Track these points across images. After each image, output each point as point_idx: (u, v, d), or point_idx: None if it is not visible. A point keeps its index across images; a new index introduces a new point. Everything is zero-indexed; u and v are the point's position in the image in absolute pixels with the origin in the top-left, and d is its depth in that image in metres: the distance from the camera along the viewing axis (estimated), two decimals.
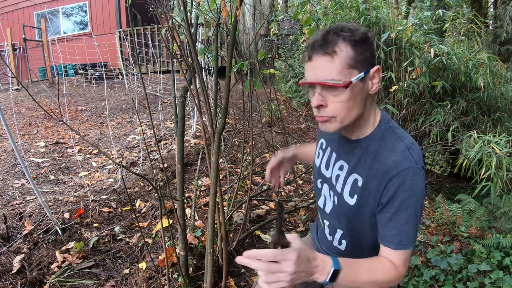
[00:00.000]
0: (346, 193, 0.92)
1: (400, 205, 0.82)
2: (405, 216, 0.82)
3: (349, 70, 0.80)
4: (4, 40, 7.31)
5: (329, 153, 1.02)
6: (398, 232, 0.83)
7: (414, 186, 0.81)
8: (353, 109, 0.83)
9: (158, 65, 8.05)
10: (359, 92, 0.82)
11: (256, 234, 2.11)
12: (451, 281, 1.72)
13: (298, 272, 0.69)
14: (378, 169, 0.84)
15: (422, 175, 0.82)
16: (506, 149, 2.41)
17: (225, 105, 1.28)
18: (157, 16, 1.52)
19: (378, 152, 0.86)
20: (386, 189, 0.83)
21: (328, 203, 1.01)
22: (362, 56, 0.80)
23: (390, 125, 0.90)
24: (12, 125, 4.11)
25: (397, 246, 0.84)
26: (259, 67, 2.00)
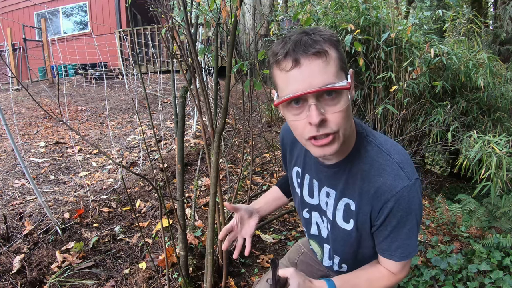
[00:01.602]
0: (340, 219, 0.87)
1: (398, 223, 0.79)
2: (405, 231, 0.79)
3: (341, 73, 0.70)
4: (4, 40, 7.31)
5: (308, 181, 0.94)
6: (399, 246, 0.81)
7: (411, 203, 0.76)
8: (350, 119, 0.74)
9: (158, 65, 8.05)
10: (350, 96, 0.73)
11: (256, 234, 2.11)
12: (451, 281, 1.72)
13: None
14: (369, 191, 0.78)
15: (418, 188, 0.77)
16: (506, 149, 2.41)
17: (225, 105, 1.28)
18: (157, 16, 1.52)
19: (366, 173, 0.79)
20: (381, 211, 0.78)
21: (323, 229, 0.96)
22: (343, 57, 0.72)
23: (369, 138, 0.80)
24: (12, 125, 4.11)
25: (400, 258, 0.83)
26: (259, 67, 2.00)
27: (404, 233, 0.80)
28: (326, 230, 0.95)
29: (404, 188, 0.75)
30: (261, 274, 1.77)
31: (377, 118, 4.33)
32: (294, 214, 2.44)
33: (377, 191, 0.77)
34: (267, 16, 6.83)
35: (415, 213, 0.78)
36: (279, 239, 2.10)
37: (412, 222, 0.78)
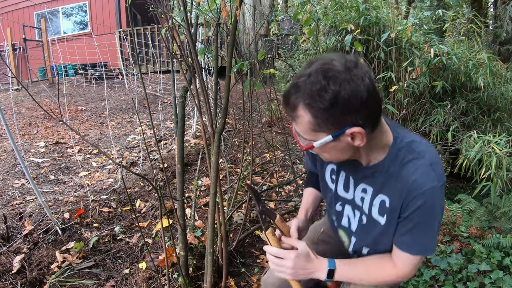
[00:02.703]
0: (376, 213, 0.92)
1: (419, 222, 0.83)
2: (427, 228, 0.84)
3: (313, 133, 0.75)
4: (4, 40, 7.31)
5: (344, 177, 0.99)
6: (419, 241, 0.86)
7: (435, 205, 0.82)
8: (344, 155, 0.83)
9: (158, 65, 8.05)
10: (341, 146, 0.79)
11: (256, 234, 2.11)
12: (451, 281, 1.72)
13: (296, 269, 0.89)
14: (402, 190, 0.83)
15: (442, 192, 0.83)
16: (506, 149, 2.41)
17: (225, 105, 1.28)
18: (157, 16, 1.52)
19: (400, 173, 0.84)
20: (408, 206, 0.83)
21: (353, 223, 1.01)
22: (328, 122, 0.72)
23: (406, 142, 0.86)
24: (12, 125, 4.11)
25: (418, 252, 0.87)
26: (259, 67, 2.00)
27: (425, 229, 0.84)
28: (356, 224, 1.00)
29: (432, 188, 0.80)
30: (261, 274, 1.77)
31: None
32: (294, 214, 2.44)
33: (409, 188, 0.82)
34: (267, 16, 6.83)
35: (438, 213, 0.83)
36: None
37: (434, 220, 0.83)
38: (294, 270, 0.88)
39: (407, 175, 0.82)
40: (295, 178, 2.90)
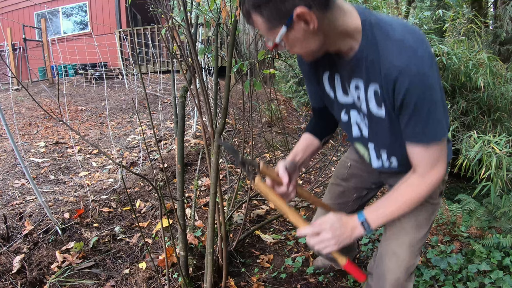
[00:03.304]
0: (374, 108, 0.88)
1: (416, 104, 0.78)
2: (426, 110, 0.78)
3: (271, 32, 0.78)
4: (4, 40, 7.31)
5: (340, 80, 0.94)
6: (424, 127, 0.80)
7: (423, 78, 0.75)
8: (311, 44, 0.80)
9: (158, 65, 8.04)
10: (301, 35, 0.77)
11: (256, 234, 2.11)
12: (451, 281, 1.72)
13: (336, 236, 0.88)
14: (386, 75, 0.79)
15: (426, 62, 0.75)
16: (506, 149, 2.41)
17: (225, 105, 1.28)
18: (157, 16, 1.52)
19: (379, 57, 0.79)
20: (396, 92, 0.79)
21: (363, 128, 0.98)
22: (273, 13, 0.75)
23: (376, 23, 0.80)
24: (12, 125, 4.11)
25: (429, 138, 0.81)
26: (259, 67, 2.00)
27: (425, 113, 0.78)
28: (366, 128, 0.97)
29: (408, 64, 0.75)
30: (261, 274, 1.77)
31: None
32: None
33: (385, 72, 0.78)
34: None
35: (432, 88, 0.76)
36: (279, 239, 2.10)
37: (432, 98, 0.77)
38: (336, 238, 0.87)
39: (386, 57, 0.78)
40: None
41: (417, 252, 1.09)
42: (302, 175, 3.10)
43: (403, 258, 1.08)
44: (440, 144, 0.84)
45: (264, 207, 2.48)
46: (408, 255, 1.07)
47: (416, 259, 1.09)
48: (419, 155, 0.85)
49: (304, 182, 3.10)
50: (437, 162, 0.85)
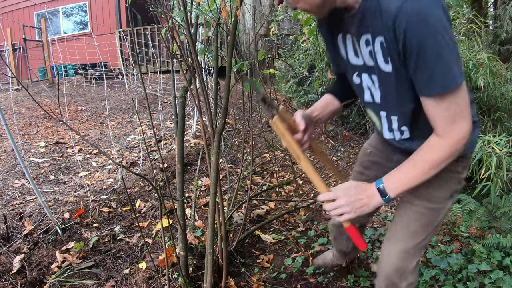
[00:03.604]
0: (382, 63, 0.84)
1: (419, 48, 0.72)
2: (430, 55, 0.72)
3: None
4: (4, 40, 7.31)
5: (351, 39, 0.92)
6: (431, 75, 0.74)
7: (422, 18, 0.70)
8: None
9: (158, 65, 8.05)
10: None
11: (256, 234, 2.11)
12: (451, 281, 1.72)
13: (351, 203, 0.86)
14: (386, 22, 0.75)
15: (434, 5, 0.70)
16: (506, 149, 2.41)
17: (225, 105, 1.28)
18: (157, 16, 1.52)
19: (379, 5, 0.77)
20: (397, 38, 0.74)
21: (375, 92, 0.94)
22: None
23: None
24: (12, 125, 4.11)
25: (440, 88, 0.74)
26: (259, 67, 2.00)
27: (430, 56, 0.72)
28: (378, 92, 0.93)
29: (405, 2, 0.71)
30: (261, 274, 1.77)
31: None
32: (294, 214, 2.44)
33: (386, 18, 0.75)
34: (267, 16, 6.83)
35: (435, 29, 0.70)
36: (279, 239, 2.10)
37: (436, 40, 0.70)
38: (351, 204, 0.86)
39: (383, 3, 0.75)
40: (295, 178, 2.90)
41: (412, 256, 1.06)
42: (302, 175, 3.10)
43: (393, 261, 1.08)
44: (455, 95, 0.75)
45: (264, 207, 2.48)
46: (399, 259, 1.06)
47: (410, 262, 1.06)
48: (433, 109, 0.78)
49: (304, 182, 3.11)
50: (456, 118, 0.77)
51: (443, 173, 0.96)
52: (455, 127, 0.78)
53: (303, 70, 6.35)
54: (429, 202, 1.01)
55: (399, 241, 1.07)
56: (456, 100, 0.76)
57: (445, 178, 0.99)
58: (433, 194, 1.00)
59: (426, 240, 1.05)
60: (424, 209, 1.01)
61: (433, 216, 1.02)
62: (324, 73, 4.66)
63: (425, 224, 1.03)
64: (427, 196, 1.01)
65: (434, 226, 1.04)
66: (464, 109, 0.77)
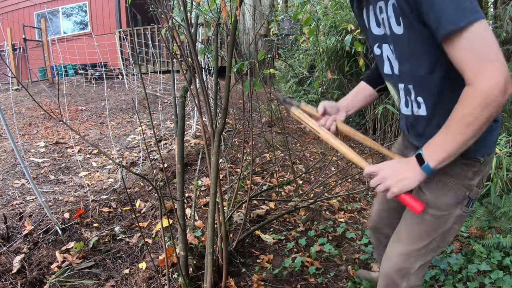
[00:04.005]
0: (395, 26, 0.82)
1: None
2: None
3: None
4: (4, 40, 7.31)
5: (372, 9, 0.91)
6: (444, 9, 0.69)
7: None
8: None
9: (158, 65, 8.05)
10: None
11: (256, 234, 2.11)
12: (451, 281, 1.72)
13: (394, 174, 0.84)
14: None
15: None
16: (506, 149, 2.41)
17: (225, 105, 1.28)
18: (157, 16, 1.52)
19: None
20: None
21: (394, 63, 0.93)
22: None
23: None
24: (12, 125, 4.11)
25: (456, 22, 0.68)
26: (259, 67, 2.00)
27: None
28: (396, 63, 0.91)
29: None
30: (261, 274, 1.77)
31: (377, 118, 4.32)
32: (294, 214, 2.44)
33: None
34: (267, 16, 6.83)
35: None
36: (279, 239, 2.10)
37: None
38: (394, 176, 0.83)
39: None
40: (295, 178, 2.90)
41: (414, 259, 1.04)
42: (302, 175, 3.10)
43: (394, 261, 1.08)
44: (473, 33, 0.69)
45: (264, 207, 2.48)
46: (400, 260, 1.06)
47: (412, 264, 1.05)
48: (454, 53, 0.73)
49: (304, 182, 3.11)
50: (482, 59, 0.70)
51: (449, 178, 0.94)
52: (484, 71, 0.70)
53: (303, 70, 6.35)
54: (433, 208, 0.97)
55: (400, 243, 1.07)
56: (476, 38, 0.69)
57: (451, 184, 0.95)
58: (438, 199, 0.97)
59: (432, 246, 1.02)
60: (427, 215, 0.99)
61: (437, 222, 0.99)
62: (324, 73, 4.66)
63: (428, 230, 1.00)
64: (432, 202, 0.97)
65: (439, 232, 1.00)
66: (490, 50, 0.70)
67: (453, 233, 1.03)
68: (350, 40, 2.45)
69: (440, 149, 0.78)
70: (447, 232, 1.00)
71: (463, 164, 0.91)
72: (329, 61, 4.77)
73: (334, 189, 2.79)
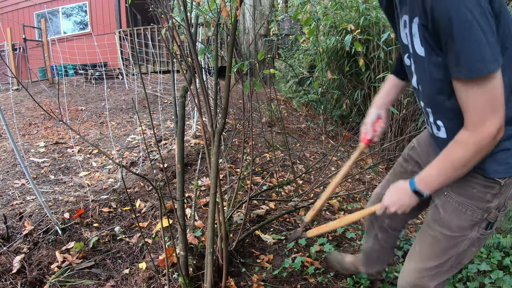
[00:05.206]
0: (417, 46, 0.79)
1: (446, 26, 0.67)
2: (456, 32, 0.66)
3: None
4: (4, 40, 7.31)
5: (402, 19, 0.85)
6: (458, 55, 0.68)
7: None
8: None
9: (158, 65, 8.05)
10: None
11: (256, 234, 2.11)
12: (451, 281, 1.72)
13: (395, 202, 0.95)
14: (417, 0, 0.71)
15: None
16: None
17: (225, 105, 1.28)
18: (157, 16, 1.52)
19: None
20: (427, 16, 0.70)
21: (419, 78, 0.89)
22: None
23: None
24: (12, 125, 4.11)
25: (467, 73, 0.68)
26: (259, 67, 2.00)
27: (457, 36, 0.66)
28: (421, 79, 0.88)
29: None
30: (261, 274, 1.77)
31: None
32: (294, 214, 2.44)
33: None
34: (267, 16, 6.83)
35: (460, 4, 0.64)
36: (279, 239, 2.10)
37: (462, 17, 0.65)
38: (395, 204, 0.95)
39: None
40: (295, 178, 2.90)
41: (428, 278, 1.02)
42: (302, 175, 3.10)
43: (407, 279, 1.08)
44: (483, 84, 0.69)
45: (264, 207, 2.48)
46: (413, 278, 1.06)
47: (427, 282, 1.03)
48: (461, 95, 0.73)
49: (304, 182, 3.11)
50: (485, 111, 0.71)
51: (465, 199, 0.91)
52: (484, 121, 0.72)
53: (303, 70, 6.35)
54: (446, 229, 0.95)
55: (413, 261, 1.07)
56: (487, 90, 0.70)
57: (467, 205, 0.91)
58: (451, 221, 0.94)
59: (445, 267, 1.00)
60: (440, 235, 0.97)
61: (449, 243, 0.96)
62: (324, 73, 4.66)
63: (439, 250, 0.98)
64: (444, 221, 0.95)
65: (452, 254, 0.97)
66: (496, 103, 0.71)
67: (469, 256, 1.00)
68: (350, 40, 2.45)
69: (432, 181, 0.88)
70: (462, 254, 0.97)
71: (482, 185, 0.88)
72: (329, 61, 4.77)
73: (334, 189, 2.79)
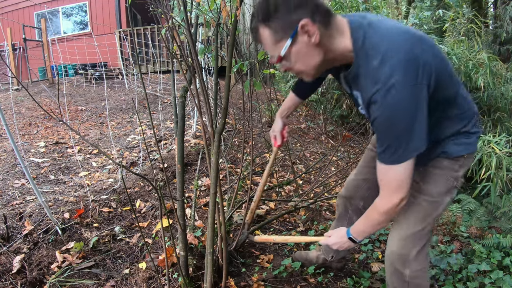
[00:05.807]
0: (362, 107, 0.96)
1: (379, 126, 0.86)
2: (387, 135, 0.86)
3: (277, 45, 0.84)
4: (4, 40, 7.31)
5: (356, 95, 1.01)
6: (385, 149, 0.88)
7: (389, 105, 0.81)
8: (312, 60, 0.86)
9: (158, 65, 8.04)
10: (303, 48, 0.84)
11: (256, 234, 2.11)
12: (451, 281, 1.72)
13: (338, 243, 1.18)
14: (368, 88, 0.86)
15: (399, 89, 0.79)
16: (506, 149, 2.42)
17: (225, 105, 1.28)
18: (157, 16, 1.52)
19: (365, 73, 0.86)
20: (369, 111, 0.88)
21: None
22: (280, 25, 0.81)
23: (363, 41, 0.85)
24: (12, 125, 4.11)
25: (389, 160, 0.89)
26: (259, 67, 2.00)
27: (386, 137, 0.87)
28: None
29: (378, 91, 0.81)
30: (261, 274, 1.77)
31: None
32: (294, 214, 2.44)
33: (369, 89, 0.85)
34: None
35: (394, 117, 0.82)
36: None
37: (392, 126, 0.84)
38: (337, 245, 1.18)
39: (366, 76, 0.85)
40: (295, 178, 2.90)
41: (411, 245, 1.16)
42: (302, 175, 3.10)
43: (393, 249, 1.19)
44: (401, 168, 0.89)
45: (264, 207, 2.48)
46: (398, 247, 1.17)
47: (410, 250, 1.16)
48: (381, 174, 0.94)
49: (304, 182, 3.11)
50: (397, 187, 0.92)
51: (440, 171, 1.12)
52: (393, 198, 0.94)
53: None
54: (428, 196, 1.14)
55: (398, 230, 1.19)
56: (398, 174, 0.90)
57: (441, 175, 1.12)
58: (431, 189, 1.14)
59: (426, 229, 1.17)
60: (423, 201, 1.15)
61: (431, 208, 1.15)
62: None
63: (423, 215, 1.15)
64: (426, 191, 1.14)
65: (432, 218, 1.16)
66: (405, 181, 0.91)
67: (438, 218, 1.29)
68: None
69: (362, 232, 1.12)
70: (438, 217, 1.21)
71: (450, 159, 1.10)
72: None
73: (334, 189, 2.79)
